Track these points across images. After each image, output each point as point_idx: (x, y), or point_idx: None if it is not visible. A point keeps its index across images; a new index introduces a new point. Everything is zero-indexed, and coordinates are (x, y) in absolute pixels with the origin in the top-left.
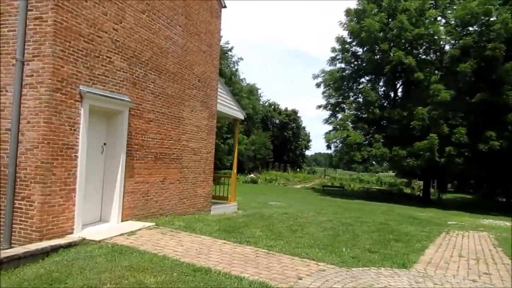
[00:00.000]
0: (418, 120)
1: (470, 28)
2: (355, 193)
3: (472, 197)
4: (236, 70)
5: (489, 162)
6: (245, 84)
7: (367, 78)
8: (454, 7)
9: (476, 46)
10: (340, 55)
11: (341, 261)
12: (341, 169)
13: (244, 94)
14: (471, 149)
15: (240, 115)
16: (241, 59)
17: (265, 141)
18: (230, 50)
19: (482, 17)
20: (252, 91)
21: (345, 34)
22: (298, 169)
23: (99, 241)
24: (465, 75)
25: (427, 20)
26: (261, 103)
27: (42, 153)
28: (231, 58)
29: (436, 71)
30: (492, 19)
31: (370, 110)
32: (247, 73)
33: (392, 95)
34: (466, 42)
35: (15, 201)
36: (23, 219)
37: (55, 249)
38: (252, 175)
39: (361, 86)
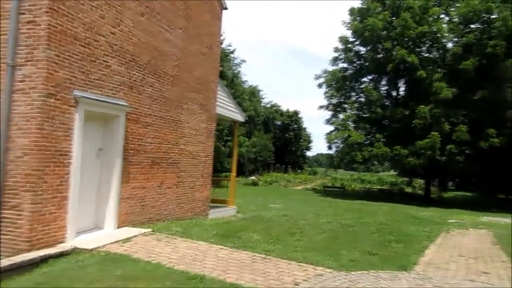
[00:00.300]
0: (420, 118)
1: (472, 26)
2: (356, 194)
3: (472, 195)
4: (238, 72)
5: (490, 160)
6: (247, 86)
7: (369, 77)
8: (457, 5)
9: (478, 44)
10: (343, 54)
11: (340, 264)
12: (342, 169)
13: (246, 96)
14: (472, 147)
15: (240, 118)
16: (243, 61)
17: (266, 143)
18: (232, 52)
19: (484, 15)
20: (253, 93)
21: (348, 33)
22: (299, 170)
23: (91, 250)
24: (467, 72)
25: (431, 18)
26: (262, 104)
27: (33, 160)
28: (233, 60)
29: (439, 69)
30: (493, 16)
31: (372, 109)
32: (249, 75)
33: (394, 94)
34: (468, 39)
35: (3, 211)
36: (11, 229)
37: (44, 259)
38: (252, 177)
39: (363, 86)
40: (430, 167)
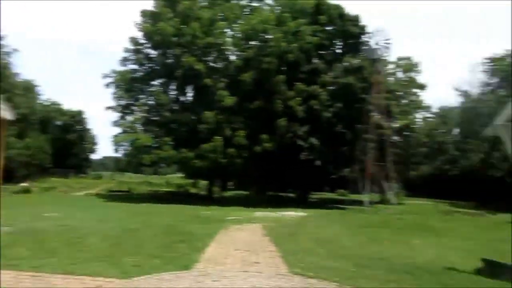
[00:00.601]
0: (205, 123)
1: (252, 42)
2: (144, 197)
3: (248, 193)
4: (9, 63)
5: (263, 162)
6: (21, 80)
7: (159, 81)
8: (240, 22)
9: (255, 59)
10: (133, 56)
11: (122, 272)
12: (130, 172)
13: (19, 91)
14: (249, 150)
15: (8, 115)
16: (16, 50)
17: (43, 145)
18: (1, 38)
19: (261, 34)
20: (29, 88)
21: (139, 35)
22: (82, 175)
23: None
24: (246, 84)
25: (217, 31)
26: (40, 102)
27: None
28: (3, 47)
29: (223, 79)
30: (268, 36)
31: (161, 113)
32: (29, 69)
33: (183, 99)
34: (248, 54)
35: None
36: None
37: None
38: (24, 183)
39: (153, 89)
40: (213, 169)
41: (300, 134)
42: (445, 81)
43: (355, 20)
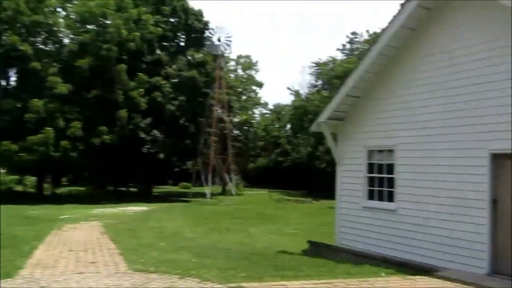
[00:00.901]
0: (33, 112)
1: (89, 26)
2: None
3: (85, 189)
4: None
5: (101, 155)
6: None
7: None
8: (75, 2)
9: (93, 45)
10: None
11: None
12: None
13: None
14: (86, 143)
15: None
16: None
17: None
18: None
19: (100, 18)
20: None
21: None
22: None
23: None
24: (83, 70)
25: (47, 9)
26: None
27: None
28: None
29: (55, 63)
30: (108, 22)
31: None
32: None
33: (4, 83)
34: (84, 38)
35: None
36: None
37: None
38: None
39: None
40: (44, 163)
41: (143, 126)
42: (280, 80)
43: (198, 14)
